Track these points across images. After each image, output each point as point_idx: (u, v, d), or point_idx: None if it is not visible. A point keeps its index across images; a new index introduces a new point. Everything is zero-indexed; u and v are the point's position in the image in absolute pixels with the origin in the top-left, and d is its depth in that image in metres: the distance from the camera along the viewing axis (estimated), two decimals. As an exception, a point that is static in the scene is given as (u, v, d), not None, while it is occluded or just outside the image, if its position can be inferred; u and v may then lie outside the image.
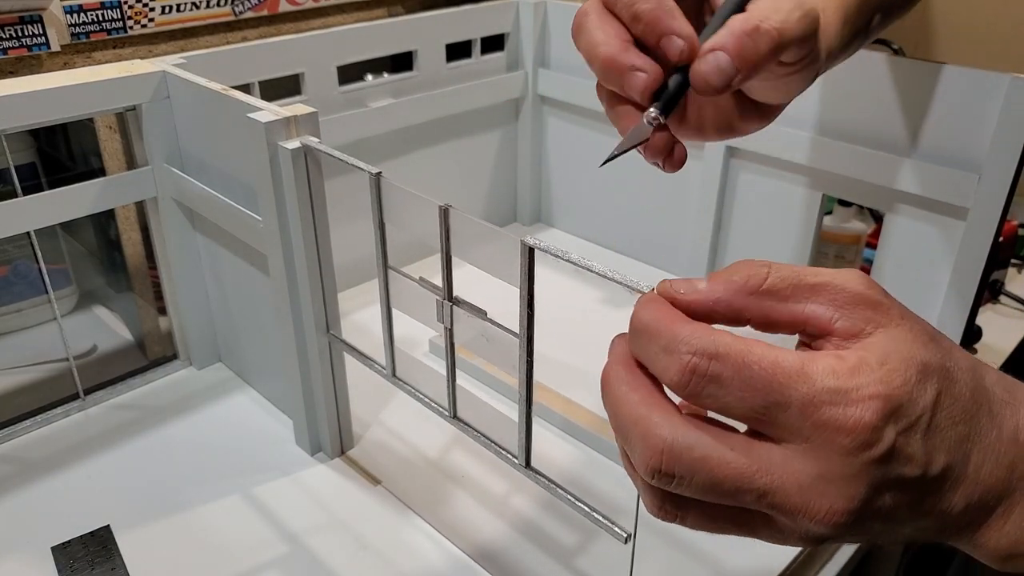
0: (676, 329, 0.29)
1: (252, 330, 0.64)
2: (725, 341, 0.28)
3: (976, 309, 0.63)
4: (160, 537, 0.53)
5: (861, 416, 0.27)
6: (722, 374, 0.28)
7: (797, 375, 0.27)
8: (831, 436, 0.27)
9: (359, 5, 0.87)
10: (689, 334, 0.28)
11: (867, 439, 0.27)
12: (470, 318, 0.45)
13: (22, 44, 0.65)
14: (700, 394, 0.28)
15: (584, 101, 0.83)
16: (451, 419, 0.49)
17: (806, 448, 0.27)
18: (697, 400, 0.29)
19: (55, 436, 0.62)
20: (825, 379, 0.27)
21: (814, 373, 0.27)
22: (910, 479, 0.28)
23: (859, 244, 0.82)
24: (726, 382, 0.28)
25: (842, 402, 0.27)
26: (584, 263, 0.37)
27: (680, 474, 0.28)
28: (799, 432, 0.27)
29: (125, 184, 0.60)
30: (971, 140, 0.60)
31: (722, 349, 0.28)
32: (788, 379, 0.27)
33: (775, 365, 0.28)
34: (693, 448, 0.28)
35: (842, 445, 0.27)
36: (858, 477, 0.27)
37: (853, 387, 0.27)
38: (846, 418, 0.27)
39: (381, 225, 0.47)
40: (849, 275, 0.30)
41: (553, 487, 0.43)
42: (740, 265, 0.31)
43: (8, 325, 0.76)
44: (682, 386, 0.28)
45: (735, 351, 0.28)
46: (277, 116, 0.49)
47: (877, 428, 0.27)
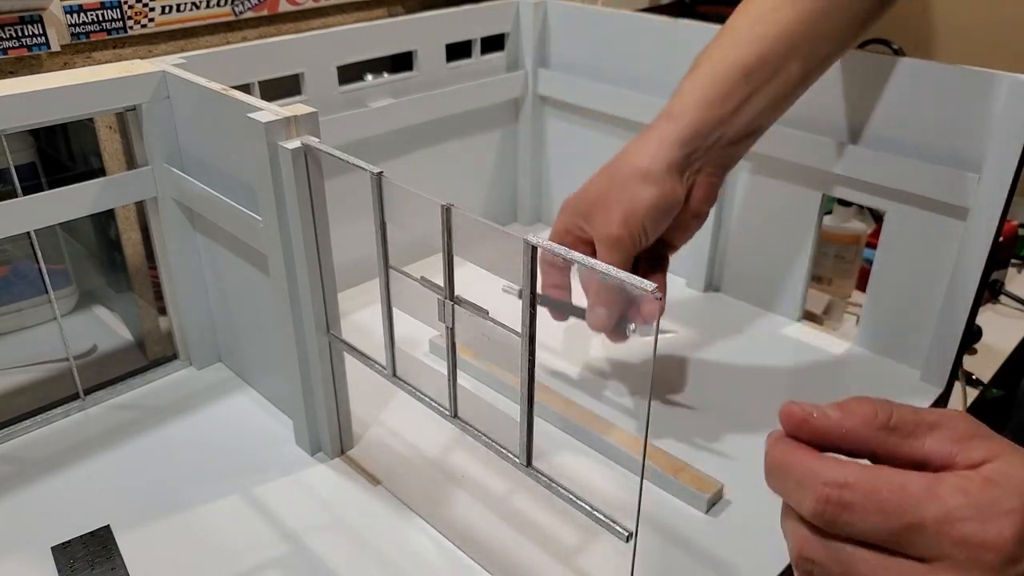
0: (808, 463, 0.31)
1: (252, 330, 0.64)
2: (854, 470, 0.30)
3: (976, 309, 0.63)
4: (160, 537, 0.53)
5: (1001, 532, 0.27)
6: (854, 501, 0.29)
7: (927, 495, 0.28)
8: (974, 553, 0.28)
9: (359, 5, 0.87)
10: (820, 467, 0.30)
11: (1012, 554, 0.27)
12: (471, 317, 0.45)
13: (22, 44, 0.65)
14: (836, 523, 0.29)
15: (584, 101, 0.83)
16: (452, 419, 0.49)
17: (950, 564, 0.28)
18: (834, 529, 0.30)
19: (55, 436, 0.62)
20: (956, 497, 0.28)
21: (943, 493, 0.28)
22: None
23: (859, 244, 0.82)
24: (858, 508, 0.29)
25: (978, 518, 0.28)
26: (586, 262, 0.37)
27: (819, 563, 0.30)
28: (939, 551, 0.28)
29: (125, 184, 0.60)
30: (971, 140, 0.60)
31: (851, 478, 0.29)
32: (918, 501, 0.28)
33: (903, 488, 0.29)
34: (833, 548, 0.30)
35: (987, 562, 0.27)
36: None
37: (987, 502, 0.28)
38: (986, 533, 0.28)
39: (382, 225, 0.47)
40: (959, 415, 0.32)
41: (554, 487, 0.43)
42: (864, 400, 0.33)
43: (8, 325, 0.76)
44: (818, 515, 0.30)
45: (864, 478, 0.29)
46: (277, 116, 0.49)
47: (1017, 545, 0.27)
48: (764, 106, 0.54)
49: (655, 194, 0.53)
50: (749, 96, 0.54)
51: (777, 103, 0.55)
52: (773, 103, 0.55)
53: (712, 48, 0.55)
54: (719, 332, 0.74)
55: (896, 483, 0.29)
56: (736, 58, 0.53)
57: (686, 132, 0.53)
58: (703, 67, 0.54)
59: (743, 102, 0.54)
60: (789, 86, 0.55)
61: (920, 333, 0.67)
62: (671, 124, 0.54)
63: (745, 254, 0.78)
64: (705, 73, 0.54)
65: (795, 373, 0.69)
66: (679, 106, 0.54)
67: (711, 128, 0.54)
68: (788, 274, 0.75)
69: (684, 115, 0.53)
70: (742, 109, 0.54)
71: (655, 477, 0.56)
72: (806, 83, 0.56)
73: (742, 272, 0.79)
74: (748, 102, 0.54)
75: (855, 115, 0.65)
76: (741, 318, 0.77)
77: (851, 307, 0.80)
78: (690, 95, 0.54)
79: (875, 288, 0.69)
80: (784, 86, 0.54)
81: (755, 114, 0.54)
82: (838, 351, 0.72)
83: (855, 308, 0.79)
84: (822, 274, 0.83)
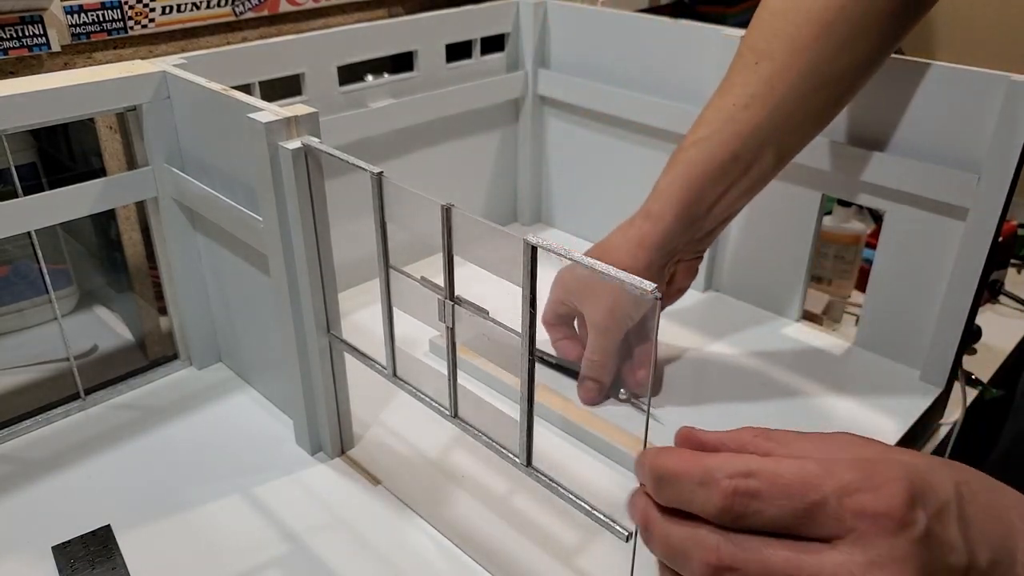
0: (706, 462, 0.31)
1: (252, 330, 0.64)
2: (755, 458, 0.31)
3: (976, 309, 0.63)
4: (160, 537, 0.53)
5: (893, 498, 0.29)
6: (760, 489, 0.30)
7: (825, 474, 0.30)
8: (873, 522, 0.29)
9: (359, 5, 0.87)
10: (722, 462, 0.31)
11: (904, 519, 0.29)
12: (472, 317, 0.45)
13: (23, 44, 0.65)
14: (745, 513, 0.30)
15: (584, 101, 0.83)
16: (452, 419, 0.49)
17: (854, 538, 0.29)
18: (743, 521, 0.30)
19: (55, 436, 0.62)
20: (850, 472, 0.30)
21: (838, 470, 0.30)
22: (960, 570, 0.29)
23: (859, 244, 0.82)
24: (765, 495, 0.30)
25: (871, 487, 0.29)
26: (587, 262, 0.37)
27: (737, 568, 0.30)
28: (842, 523, 0.29)
29: (125, 184, 0.60)
30: (971, 140, 0.60)
31: (754, 466, 0.30)
32: (817, 479, 0.30)
33: (802, 469, 0.30)
34: (746, 548, 0.30)
35: (885, 527, 0.29)
36: (907, 560, 0.28)
37: (877, 473, 0.30)
38: (879, 502, 0.29)
39: (382, 224, 0.47)
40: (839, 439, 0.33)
41: (554, 486, 0.43)
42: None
43: (8, 325, 0.76)
44: (727, 510, 0.30)
45: (766, 466, 0.30)
46: (277, 116, 0.49)
47: (909, 509, 0.29)
48: (738, 195, 0.57)
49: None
50: (725, 191, 0.57)
51: (751, 191, 0.58)
52: (747, 191, 0.58)
53: (688, 147, 0.57)
54: (719, 332, 0.74)
55: (796, 466, 0.30)
56: (710, 158, 0.55)
57: (665, 235, 0.57)
58: (680, 167, 0.57)
59: (719, 197, 0.57)
60: (762, 175, 0.57)
61: (920, 333, 0.67)
62: (651, 226, 0.57)
63: (745, 254, 0.78)
64: (681, 174, 0.56)
65: (795, 373, 0.69)
66: (657, 208, 0.57)
67: (688, 227, 0.57)
68: (788, 274, 0.75)
69: (662, 219, 0.57)
70: (718, 204, 0.57)
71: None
72: (778, 168, 0.58)
73: (742, 272, 0.79)
74: (724, 196, 0.57)
75: (855, 115, 0.65)
76: (741, 318, 0.77)
77: (851, 307, 0.80)
78: (668, 196, 0.57)
79: (875, 288, 0.69)
80: (758, 174, 0.57)
81: (731, 204, 0.58)
82: (838, 351, 0.72)
83: (855, 308, 0.79)
84: (822, 274, 0.83)
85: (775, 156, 0.56)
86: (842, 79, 0.55)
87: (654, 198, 0.58)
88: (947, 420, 0.68)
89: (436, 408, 0.49)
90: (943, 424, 0.68)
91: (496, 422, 0.46)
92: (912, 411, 0.64)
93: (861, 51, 0.54)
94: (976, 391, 0.72)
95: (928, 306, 0.65)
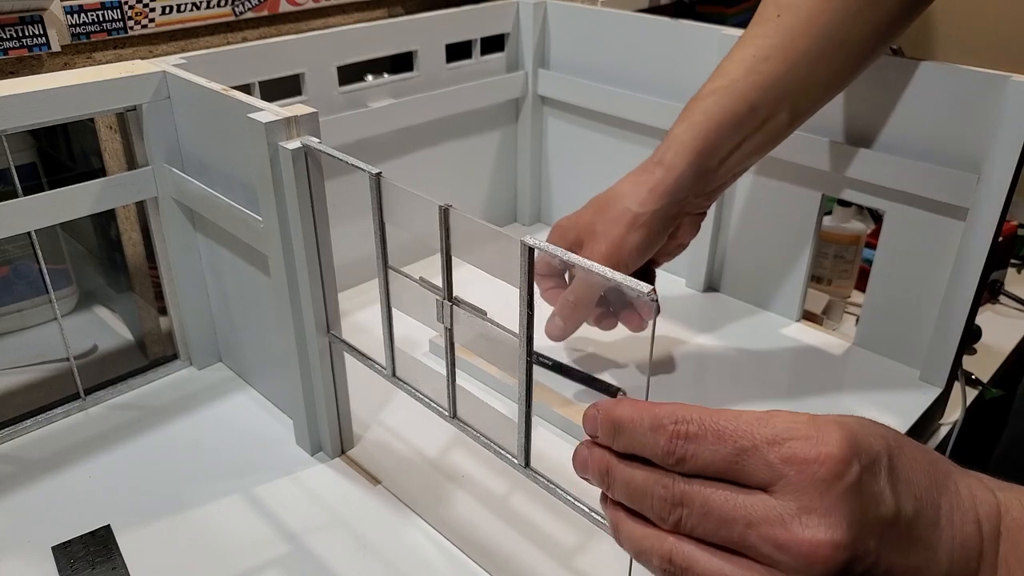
0: (655, 410, 0.33)
1: (252, 330, 0.64)
2: (697, 407, 0.33)
3: (976, 309, 0.63)
4: (160, 537, 0.53)
5: (827, 448, 0.30)
6: (697, 433, 0.32)
7: (758, 421, 0.32)
8: (802, 468, 0.30)
9: (359, 5, 0.87)
10: (669, 410, 0.33)
11: (836, 469, 0.29)
12: (470, 318, 0.45)
13: (23, 44, 0.65)
14: (684, 456, 0.32)
15: (584, 101, 0.83)
16: (451, 419, 0.49)
17: (784, 483, 0.30)
18: (683, 464, 0.32)
19: (55, 436, 0.62)
20: (784, 422, 0.31)
21: (774, 420, 0.32)
22: (887, 519, 0.30)
23: (859, 244, 0.82)
24: (700, 439, 0.32)
25: (804, 436, 0.30)
26: (584, 264, 0.37)
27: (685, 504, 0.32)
28: (771, 469, 0.30)
29: (125, 184, 0.60)
30: (971, 140, 0.60)
31: (695, 413, 0.33)
32: (750, 426, 0.31)
33: (737, 417, 0.32)
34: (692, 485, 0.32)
35: (814, 475, 0.30)
36: (836, 508, 0.29)
37: (814, 426, 0.31)
38: (810, 450, 0.30)
39: (381, 225, 0.47)
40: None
41: (552, 487, 0.43)
42: None
43: (8, 325, 0.76)
44: (669, 452, 0.33)
45: (706, 412, 0.33)
46: (277, 116, 0.49)
47: (844, 460, 0.30)
48: (751, 151, 0.57)
49: (641, 237, 0.56)
50: (739, 144, 0.56)
51: (763, 148, 0.58)
52: (759, 148, 0.57)
53: (705, 95, 0.56)
54: (719, 332, 0.74)
55: (732, 413, 0.32)
56: (727, 108, 0.55)
57: (677, 184, 0.56)
58: (696, 116, 0.56)
59: (733, 150, 0.56)
60: (776, 132, 0.57)
61: (920, 333, 0.67)
62: (664, 174, 0.56)
63: (745, 254, 0.78)
64: (697, 123, 0.56)
65: (794, 373, 0.69)
66: (671, 156, 0.56)
67: (700, 178, 0.57)
68: (788, 274, 0.75)
69: (676, 166, 0.56)
70: (731, 157, 0.57)
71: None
72: (792, 128, 0.58)
73: (742, 272, 0.79)
74: (737, 149, 0.56)
75: (855, 115, 0.65)
76: (741, 318, 0.77)
77: (851, 307, 0.80)
78: (683, 144, 0.56)
79: (875, 288, 0.69)
80: (772, 132, 0.57)
81: (742, 159, 0.57)
82: (837, 351, 0.72)
83: (855, 308, 0.79)
84: (822, 274, 0.83)
85: (790, 113, 0.56)
86: (862, 40, 0.55)
87: (667, 146, 0.57)
88: (947, 420, 0.68)
89: (435, 409, 0.49)
90: (943, 424, 0.68)
91: (495, 423, 0.46)
92: (912, 411, 0.64)
93: (883, 12, 0.55)
94: (976, 391, 0.72)
95: (928, 306, 0.65)
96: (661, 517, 0.33)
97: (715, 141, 0.55)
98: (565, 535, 0.53)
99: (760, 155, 0.58)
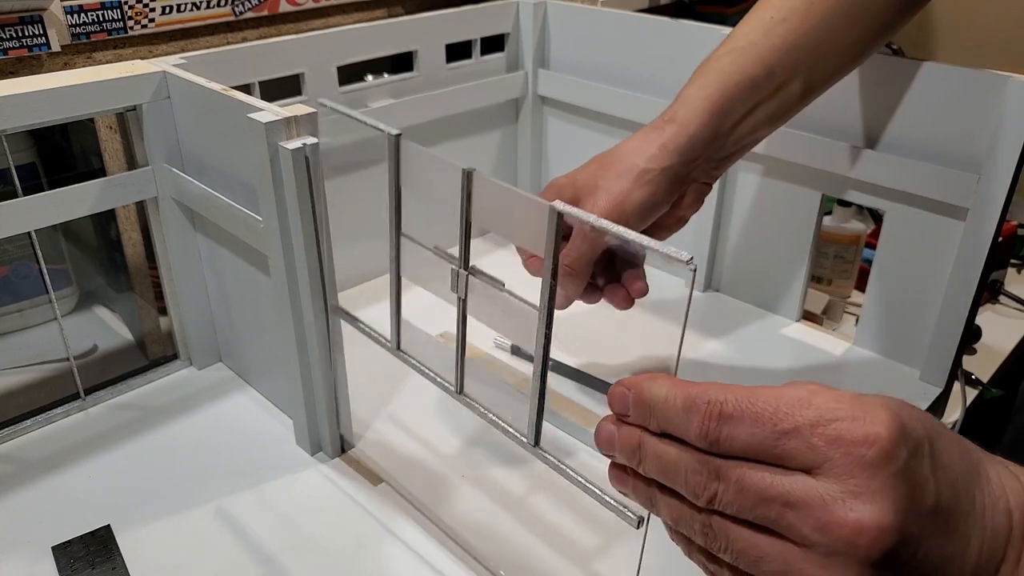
0: (690, 389, 0.32)
1: (252, 330, 0.64)
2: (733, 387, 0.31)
3: (976, 309, 0.63)
4: (160, 537, 0.53)
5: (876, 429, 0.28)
6: (733, 413, 0.30)
7: (799, 403, 0.30)
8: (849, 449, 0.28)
9: (359, 5, 0.87)
10: (703, 389, 0.32)
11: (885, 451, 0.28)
12: (486, 288, 0.43)
13: (22, 44, 0.65)
14: (719, 438, 0.31)
15: (584, 101, 0.83)
16: (457, 395, 0.47)
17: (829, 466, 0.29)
18: (719, 446, 0.31)
19: (55, 436, 0.62)
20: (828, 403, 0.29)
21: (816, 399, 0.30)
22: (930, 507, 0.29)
23: (859, 244, 0.82)
24: (736, 420, 0.30)
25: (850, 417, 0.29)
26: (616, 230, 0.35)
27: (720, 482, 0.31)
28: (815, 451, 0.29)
29: (125, 184, 0.60)
30: (971, 140, 0.60)
31: (731, 394, 0.31)
32: (791, 408, 0.30)
33: (777, 398, 0.30)
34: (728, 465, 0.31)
35: (862, 457, 0.28)
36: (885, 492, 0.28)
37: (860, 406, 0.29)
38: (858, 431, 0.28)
39: (397, 190, 0.46)
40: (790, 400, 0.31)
41: (563, 468, 0.41)
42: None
43: (8, 325, 0.76)
44: (703, 434, 0.31)
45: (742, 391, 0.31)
46: (277, 116, 0.49)
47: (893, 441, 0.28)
48: (763, 120, 0.55)
49: (646, 195, 0.53)
50: (752, 109, 0.54)
51: (775, 118, 0.56)
52: (772, 118, 0.55)
53: (721, 56, 0.55)
54: (719, 332, 0.74)
55: (771, 393, 0.30)
56: (743, 69, 0.53)
57: (688, 141, 0.53)
58: (711, 75, 0.54)
59: (746, 115, 0.54)
60: (790, 102, 0.55)
61: (919, 333, 0.67)
62: (675, 130, 0.53)
63: (745, 254, 0.78)
64: (713, 82, 0.54)
65: (794, 373, 0.69)
66: (684, 113, 0.54)
67: (712, 140, 0.54)
68: (788, 274, 0.75)
69: (689, 124, 0.53)
70: (743, 122, 0.54)
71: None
72: (805, 101, 0.56)
73: (742, 272, 0.79)
74: (751, 115, 0.54)
75: (854, 115, 0.65)
76: (741, 318, 0.77)
77: (851, 307, 0.80)
78: (697, 103, 0.54)
79: (875, 288, 0.69)
80: (785, 102, 0.55)
81: (754, 127, 0.55)
82: (837, 351, 0.72)
83: (855, 308, 0.79)
84: (822, 274, 0.83)
85: (804, 83, 0.55)
86: (878, 14, 0.55)
87: (680, 103, 0.54)
88: (947, 420, 0.68)
89: (441, 384, 0.48)
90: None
91: (504, 400, 0.45)
92: (912, 411, 0.64)
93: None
94: (976, 391, 0.72)
95: (928, 306, 0.65)
96: (695, 493, 0.32)
97: (729, 102, 0.53)
98: (567, 535, 0.53)
99: (771, 127, 0.56)
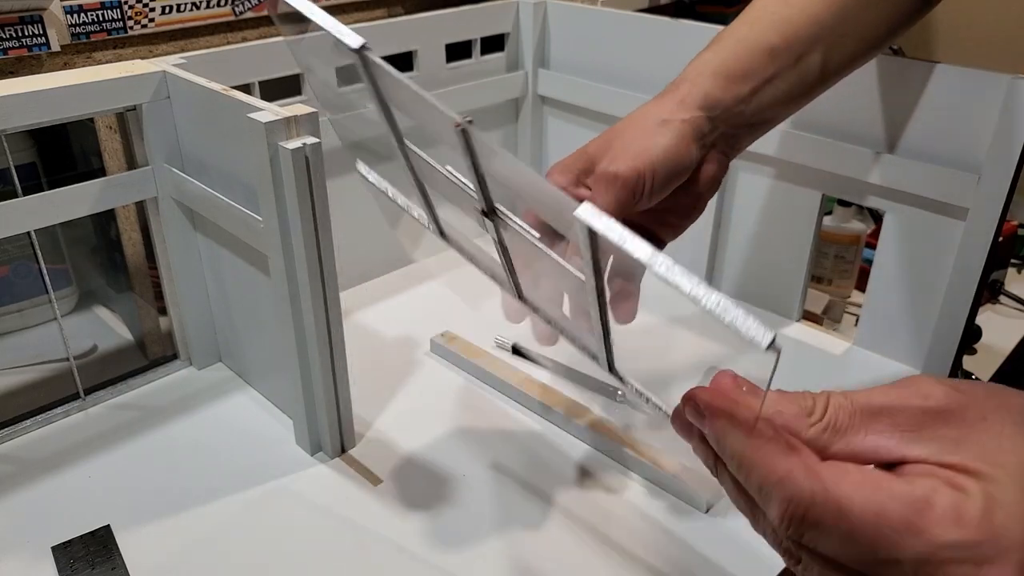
0: (771, 467, 0.27)
1: (252, 330, 0.64)
2: (822, 487, 0.26)
3: (976, 309, 0.63)
4: (160, 537, 0.53)
5: (1001, 572, 0.23)
6: (821, 522, 0.26)
7: (907, 528, 0.24)
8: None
9: (359, 5, 0.87)
10: (784, 475, 0.26)
11: None
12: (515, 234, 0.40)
13: (22, 44, 0.65)
14: (802, 540, 0.26)
15: (584, 101, 0.83)
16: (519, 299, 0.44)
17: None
18: (800, 543, 0.27)
19: (55, 436, 0.62)
20: (947, 531, 0.24)
21: (930, 524, 0.24)
22: None
23: (859, 244, 0.82)
24: (826, 530, 0.26)
25: (975, 559, 0.23)
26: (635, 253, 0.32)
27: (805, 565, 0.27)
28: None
29: (125, 184, 0.60)
30: (971, 140, 0.60)
31: (819, 497, 0.26)
32: (896, 533, 0.24)
33: (879, 516, 0.25)
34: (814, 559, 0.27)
35: None
36: None
37: (989, 538, 0.24)
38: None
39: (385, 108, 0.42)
40: (913, 390, 0.28)
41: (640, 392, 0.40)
42: (804, 394, 0.30)
43: (8, 325, 0.76)
44: (785, 527, 0.27)
45: (832, 499, 0.25)
46: (277, 116, 0.49)
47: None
48: (781, 94, 0.52)
49: (672, 141, 0.49)
50: (771, 78, 0.51)
51: (793, 96, 0.53)
52: (790, 94, 0.53)
53: (736, 25, 0.53)
54: (719, 332, 0.74)
55: (871, 508, 0.25)
56: (761, 36, 0.51)
57: (707, 97, 0.50)
58: (726, 41, 0.52)
59: (764, 83, 0.51)
60: (809, 78, 0.53)
61: (920, 333, 0.67)
62: (689, 88, 0.50)
63: (745, 254, 0.78)
64: (728, 47, 0.51)
65: (795, 373, 0.69)
66: (695, 73, 0.51)
67: (729, 102, 0.51)
68: (788, 274, 0.75)
69: (702, 83, 0.50)
70: (761, 91, 0.51)
71: (654, 477, 0.56)
72: (824, 82, 0.54)
73: (742, 272, 0.79)
74: (769, 84, 0.51)
75: (855, 115, 0.65)
76: (741, 318, 0.77)
77: (851, 307, 0.80)
78: (710, 65, 0.51)
79: (875, 288, 0.69)
80: (804, 77, 0.53)
81: (771, 100, 0.52)
82: (838, 351, 0.72)
83: (855, 308, 0.79)
84: (822, 274, 0.83)
85: (821, 62, 0.52)
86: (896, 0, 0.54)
87: (694, 66, 0.52)
88: (947, 420, 0.68)
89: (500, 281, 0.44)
90: (943, 424, 0.68)
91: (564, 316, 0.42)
92: (912, 411, 0.64)
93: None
94: (976, 391, 0.72)
95: (928, 306, 0.65)
96: (772, 545, 0.28)
97: (746, 66, 0.50)
98: (567, 536, 0.53)
99: (788, 107, 0.53)
